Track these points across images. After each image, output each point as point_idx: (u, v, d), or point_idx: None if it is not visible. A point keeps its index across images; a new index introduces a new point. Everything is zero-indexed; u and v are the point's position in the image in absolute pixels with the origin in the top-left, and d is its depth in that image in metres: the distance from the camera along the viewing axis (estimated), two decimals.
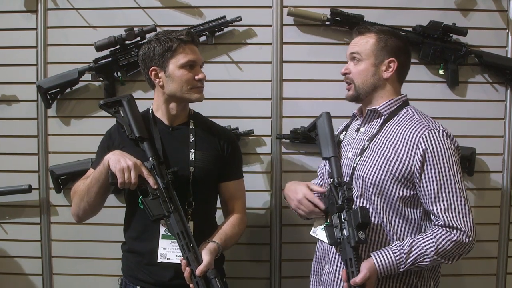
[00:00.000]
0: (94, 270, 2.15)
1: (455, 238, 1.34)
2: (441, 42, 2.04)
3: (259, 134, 2.11)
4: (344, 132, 1.66)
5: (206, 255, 1.40)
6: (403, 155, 1.40)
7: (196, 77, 1.54)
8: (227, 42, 2.11)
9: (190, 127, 1.61)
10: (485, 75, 2.12)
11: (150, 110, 1.63)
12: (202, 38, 2.03)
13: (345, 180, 1.50)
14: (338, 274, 1.48)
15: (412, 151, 1.39)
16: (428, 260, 1.35)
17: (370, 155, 1.46)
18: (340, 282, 1.47)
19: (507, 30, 2.10)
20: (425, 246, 1.35)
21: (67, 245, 2.16)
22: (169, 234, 1.47)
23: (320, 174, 1.71)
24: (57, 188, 2.11)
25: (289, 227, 2.13)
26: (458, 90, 2.11)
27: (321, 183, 1.68)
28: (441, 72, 2.08)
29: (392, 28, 1.79)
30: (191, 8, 2.10)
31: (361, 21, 2.00)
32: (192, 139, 1.58)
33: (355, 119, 1.66)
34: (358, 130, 1.58)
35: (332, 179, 1.49)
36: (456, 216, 1.35)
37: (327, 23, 2.05)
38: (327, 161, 1.56)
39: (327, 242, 1.45)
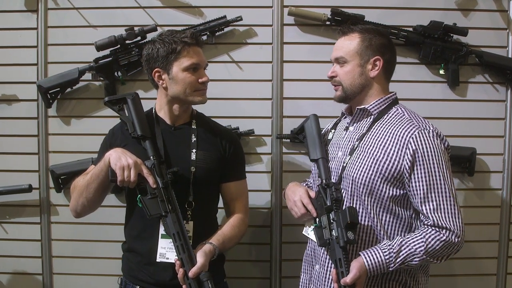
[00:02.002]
0: (94, 269, 2.16)
1: (444, 238, 1.35)
2: (442, 42, 2.04)
3: (259, 134, 2.11)
4: (333, 131, 1.66)
5: (200, 257, 1.40)
6: (392, 155, 1.40)
7: (199, 80, 1.54)
8: (228, 42, 2.11)
9: (192, 127, 1.61)
10: (485, 75, 2.12)
11: (153, 110, 1.63)
12: (203, 38, 2.03)
13: (334, 180, 1.51)
14: (329, 275, 1.49)
15: (402, 151, 1.39)
16: (417, 259, 1.35)
17: (360, 155, 1.46)
18: (330, 283, 1.48)
19: (507, 30, 2.10)
20: (415, 245, 1.36)
21: (67, 245, 2.16)
22: None
23: (311, 174, 1.72)
24: (58, 187, 2.11)
25: (289, 227, 2.13)
26: (459, 90, 2.11)
27: (309, 183, 1.70)
28: (441, 72, 2.08)
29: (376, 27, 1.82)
30: (192, 8, 2.10)
31: (362, 21, 2.00)
32: (194, 139, 1.59)
33: (344, 117, 1.66)
34: (347, 129, 1.58)
35: (320, 181, 1.50)
36: (445, 217, 1.36)
37: (328, 23, 2.06)
38: (315, 163, 1.57)
39: (317, 243, 1.46)
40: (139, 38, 2.00)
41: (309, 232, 1.56)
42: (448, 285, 2.15)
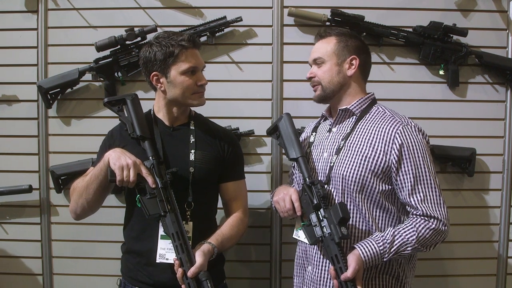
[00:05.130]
0: (94, 270, 2.16)
1: (433, 226, 1.41)
2: (442, 43, 2.04)
3: (259, 134, 2.11)
4: (314, 133, 1.68)
5: (199, 257, 1.41)
6: (380, 150, 1.45)
7: (198, 83, 1.55)
8: (228, 43, 2.11)
9: (191, 127, 1.62)
10: (485, 76, 2.12)
11: (152, 111, 1.64)
12: (203, 38, 2.03)
13: (322, 179, 1.53)
14: (323, 274, 1.51)
15: (388, 146, 1.44)
16: (410, 248, 1.41)
17: (348, 153, 1.49)
18: (326, 282, 1.50)
19: (507, 31, 2.10)
20: (407, 235, 1.41)
21: (67, 245, 2.16)
22: None
23: (292, 176, 1.73)
24: (58, 188, 2.11)
25: (289, 227, 2.13)
26: (459, 91, 2.11)
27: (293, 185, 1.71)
28: (441, 72, 2.08)
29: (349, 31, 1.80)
30: (192, 9, 2.11)
31: (362, 22, 2.01)
32: (192, 139, 1.59)
33: (323, 119, 1.69)
34: (330, 130, 1.61)
35: (303, 179, 1.51)
36: (432, 206, 1.42)
37: (328, 23, 2.05)
38: (295, 162, 1.58)
39: (307, 242, 1.47)
40: (139, 38, 2.00)
41: (299, 234, 1.57)
42: (448, 286, 2.15)
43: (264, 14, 2.10)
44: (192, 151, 1.57)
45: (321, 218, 1.42)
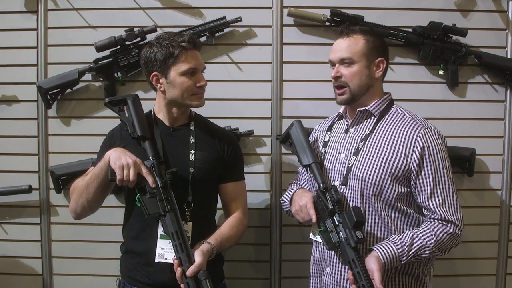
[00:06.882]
0: (94, 270, 2.16)
1: (451, 231, 1.42)
2: (441, 43, 2.04)
3: (259, 134, 2.12)
4: (328, 133, 1.67)
5: (198, 256, 1.41)
6: (401, 152, 1.44)
7: (197, 84, 1.55)
8: (227, 43, 2.11)
9: (191, 128, 1.62)
10: (485, 76, 2.12)
11: (152, 112, 1.64)
12: (202, 39, 2.03)
13: (339, 181, 1.52)
14: (343, 276, 1.50)
15: (410, 149, 1.43)
16: (428, 251, 1.40)
17: (367, 155, 1.48)
18: (345, 284, 1.49)
19: (506, 31, 2.10)
20: (425, 238, 1.40)
21: (67, 245, 2.16)
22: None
23: (304, 176, 1.73)
24: (57, 188, 2.11)
25: (289, 227, 2.13)
26: (458, 91, 2.11)
27: (305, 185, 1.71)
28: (441, 72, 2.08)
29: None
30: (191, 9, 2.11)
31: (361, 22, 2.01)
32: (192, 140, 1.59)
33: (337, 118, 1.67)
34: (347, 131, 1.59)
35: (317, 185, 1.50)
36: (450, 211, 1.43)
37: (327, 23, 2.06)
38: (307, 168, 1.57)
39: (326, 247, 1.46)
40: (139, 39, 2.00)
41: (317, 237, 1.56)
42: (448, 286, 2.15)
43: (263, 14, 2.10)
44: (192, 151, 1.57)
45: (337, 223, 1.41)
